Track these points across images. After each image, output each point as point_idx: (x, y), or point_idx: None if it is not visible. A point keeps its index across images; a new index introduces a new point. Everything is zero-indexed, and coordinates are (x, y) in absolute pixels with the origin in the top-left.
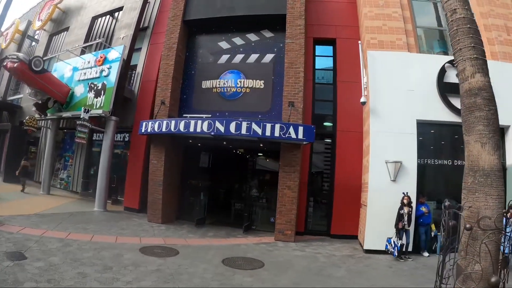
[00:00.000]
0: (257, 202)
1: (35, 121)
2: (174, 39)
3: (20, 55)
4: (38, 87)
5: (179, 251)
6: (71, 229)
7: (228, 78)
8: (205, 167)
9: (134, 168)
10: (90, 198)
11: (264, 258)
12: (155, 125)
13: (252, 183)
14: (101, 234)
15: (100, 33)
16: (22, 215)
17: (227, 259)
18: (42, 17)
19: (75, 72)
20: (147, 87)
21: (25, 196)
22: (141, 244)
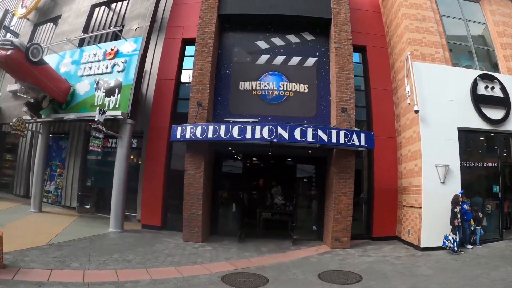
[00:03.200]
0: (295, 210)
1: (24, 124)
2: (209, 33)
3: (15, 40)
4: (34, 82)
5: (265, 276)
6: (111, 264)
7: (269, 80)
8: (237, 176)
9: (153, 179)
10: (91, 215)
11: (350, 269)
12: (196, 130)
13: (290, 191)
14: (154, 266)
15: (104, 23)
16: (33, 247)
17: (322, 274)
18: (26, 3)
19: (75, 66)
20: (165, 86)
21: (15, 216)
22: (213, 273)
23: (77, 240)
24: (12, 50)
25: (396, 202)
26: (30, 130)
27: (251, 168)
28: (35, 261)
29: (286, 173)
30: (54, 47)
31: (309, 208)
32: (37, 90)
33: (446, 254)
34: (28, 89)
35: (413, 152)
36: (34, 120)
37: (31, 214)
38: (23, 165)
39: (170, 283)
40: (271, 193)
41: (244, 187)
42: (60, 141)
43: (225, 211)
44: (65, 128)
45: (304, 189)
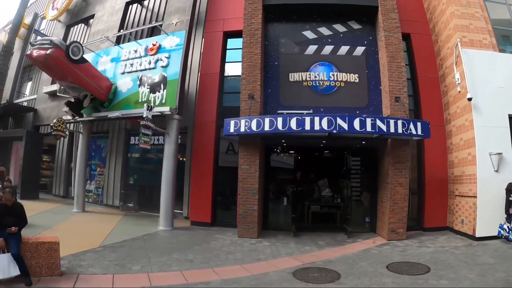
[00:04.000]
0: (344, 203)
1: (64, 125)
2: (256, 24)
3: (55, 39)
4: (75, 80)
5: (334, 270)
6: (174, 264)
7: (319, 71)
8: (285, 169)
9: (201, 175)
10: (135, 213)
11: (414, 259)
12: (251, 123)
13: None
14: (218, 265)
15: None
16: (87, 250)
17: (389, 266)
18: (57, 5)
19: (115, 63)
20: (208, 80)
21: (60, 217)
22: (281, 269)
23: (130, 240)
24: (52, 48)
25: (447, 192)
26: (70, 130)
27: (301, 160)
28: (92, 265)
29: (333, 165)
30: (91, 46)
31: (358, 200)
32: (78, 89)
33: (501, 243)
34: (68, 89)
35: (465, 140)
36: (74, 120)
37: (75, 215)
38: (61, 166)
39: (242, 283)
40: (318, 186)
41: (295, 180)
42: (99, 140)
43: (275, 205)
44: (103, 127)
45: (352, 180)
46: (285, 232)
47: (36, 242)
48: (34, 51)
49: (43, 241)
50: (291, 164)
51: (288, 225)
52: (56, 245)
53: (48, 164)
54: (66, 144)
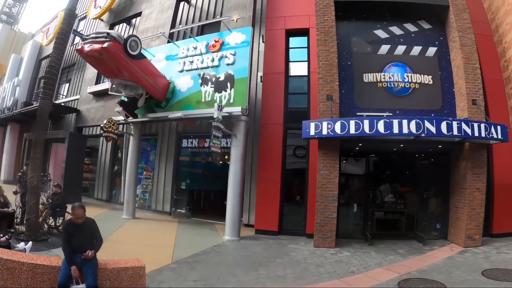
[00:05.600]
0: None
1: (115, 126)
2: (330, 21)
3: (112, 31)
4: (131, 77)
5: (436, 280)
6: (267, 283)
7: (393, 72)
8: (355, 174)
9: (268, 180)
10: (187, 220)
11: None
12: (335, 126)
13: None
14: (316, 281)
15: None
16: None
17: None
18: (100, 3)
19: (170, 61)
20: (273, 80)
21: (112, 225)
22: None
23: (202, 253)
24: (109, 42)
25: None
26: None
27: (370, 165)
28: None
29: (400, 169)
30: None
31: (426, 205)
32: (133, 88)
33: None
34: (120, 87)
35: None
36: (125, 120)
37: (127, 222)
38: (104, 169)
39: None
40: (381, 191)
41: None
42: (145, 142)
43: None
44: (151, 129)
45: (421, 186)
46: (356, 240)
47: (118, 268)
48: (86, 46)
49: (125, 266)
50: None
51: (357, 233)
52: (141, 270)
53: (88, 167)
54: (109, 146)
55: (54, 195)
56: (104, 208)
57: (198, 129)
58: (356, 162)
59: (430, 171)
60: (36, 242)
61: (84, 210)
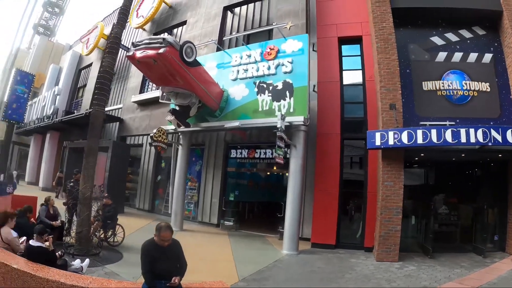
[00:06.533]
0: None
1: (165, 135)
2: (388, 28)
3: (168, 37)
4: (186, 85)
5: None
6: None
7: (451, 79)
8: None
9: (325, 192)
10: (235, 232)
11: None
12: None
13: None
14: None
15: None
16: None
17: None
18: (143, 13)
19: (222, 69)
20: (328, 89)
21: None
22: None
23: (266, 269)
24: (165, 47)
25: None
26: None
27: (431, 175)
28: None
29: (454, 179)
30: None
31: (481, 216)
32: (185, 96)
33: None
34: (171, 95)
35: None
36: (174, 130)
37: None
38: (147, 179)
39: None
40: (435, 202)
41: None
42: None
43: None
44: (198, 139)
45: (476, 196)
46: (415, 253)
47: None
48: (138, 52)
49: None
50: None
51: (414, 246)
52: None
53: (130, 176)
54: (152, 156)
55: (105, 207)
56: (148, 219)
57: (248, 139)
58: (414, 172)
59: (487, 181)
60: (87, 257)
61: (172, 232)
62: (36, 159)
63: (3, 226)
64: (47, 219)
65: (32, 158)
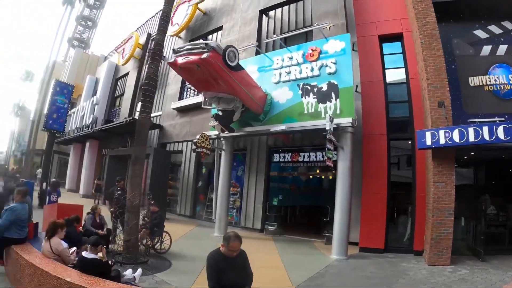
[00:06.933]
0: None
1: (208, 141)
2: (432, 24)
3: (211, 42)
4: (229, 89)
5: None
6: None
7: (498, 74)
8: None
9: (373, 195)
10: (279, 237)
11: None
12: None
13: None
14: None
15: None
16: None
17: None
18: (178, 20)
19: (263, 73)
20: (371, 88)
21: (205, 243)
22: None
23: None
24: (208, 52)
25: None
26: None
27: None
28: None
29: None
30: None
31: None
32: (229, 100)
33: None
34: (213, 101)
35: None
36: (217, 136)
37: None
38: (187, 185)
39: None
40: (483, 202)
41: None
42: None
43: None
44: (239, 144)
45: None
46: (465, 256)
47: None
48: (179, 58)
49: None
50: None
51: (464, 248)
52: None
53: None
54: (192, 162)
55: (151, 214)
56: (190, 224)
57: (291, 143)
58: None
59: None
60: (136, 265)
61: (241, 241)
62: (76, 167)
63: (53, 237)
64: (93, 228)
65: (72, 166)
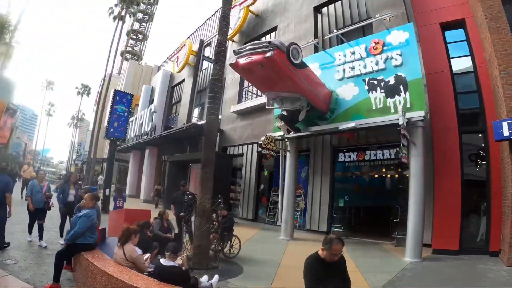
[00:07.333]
0: None
1: (273, 142)
2: (497, 6)
3: (274, 40)
4: (295, 88)
5: None
6: None
7: None
8: None
9: (446, 193)
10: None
11: None
12: None
13: None
14: None
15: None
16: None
17: None
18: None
19: (326, 70)
20: (438, 80)
21: (273, 248)
22: None
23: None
24: (272, 51)
25: None
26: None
27: None
28: None
29: None
30: None
31: None
32: (293, 100)
33: None
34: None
35: None
36: (281, 137)
37: (289, 244)
38: (249, 188)
39: None
40: None
41: None
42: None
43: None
44: (302, 145)
45: None
46: None
47: None
48: (241, 60)
49: None
50: None
51: None
52: None
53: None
54: (254, 164)
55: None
56: (254, 228)
57: (356, 141)
58: None
59: None
60: (207, 271)
61: (343, 244)
62: (136, 173)
63: (126, 244)
64: (161, 233)
65: (132, 172)
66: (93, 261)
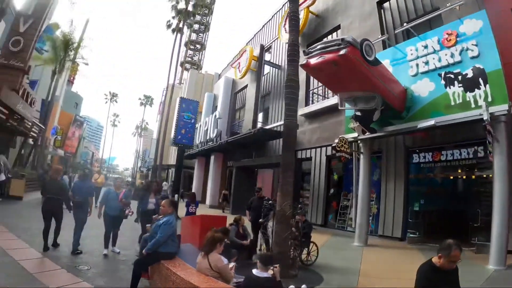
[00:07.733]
0: None
1: (347, 144)
2: None
3: (347, 36)
4: (369, 86)
5: None
6: None
7: None
8: None
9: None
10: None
11: None
12: None
13: None
14: None
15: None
16: None
17: None
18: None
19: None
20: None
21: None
22: None
23: None
24: (345, 48)
25: None
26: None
27: None
28: None
29: None
30: None
31: None
32: (367, 99)
33: None
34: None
35: None
36: (354, 138)
37: (364, 250)
38: (318, 192)
39: None
40: None
41: None
42: None
43: None
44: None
45: None
46: None
47: None
48: (312, 60)
49: None
50: None
51: None
52: None
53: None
54: (323, 168)
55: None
56: (325, 234)
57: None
58: None
59: None
60: (285, 279)
61: (461, 250)
62: (201, 179)
63: (211, 252)
64: (237, 239)
65: (197, 178)
66: (175, 270)
